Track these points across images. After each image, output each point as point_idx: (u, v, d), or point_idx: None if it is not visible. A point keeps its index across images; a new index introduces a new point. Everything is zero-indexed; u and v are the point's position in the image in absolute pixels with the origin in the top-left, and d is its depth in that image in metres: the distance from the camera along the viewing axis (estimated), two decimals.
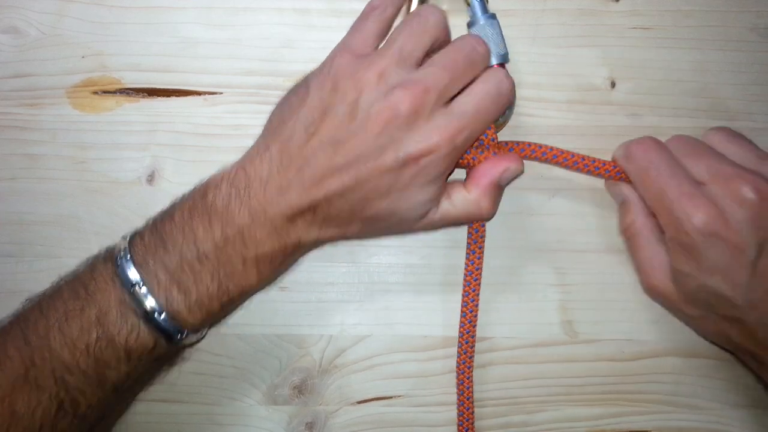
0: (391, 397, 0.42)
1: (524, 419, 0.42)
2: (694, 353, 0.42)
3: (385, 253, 0.42)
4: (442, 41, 0.36)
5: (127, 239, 0.35)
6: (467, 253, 0.40)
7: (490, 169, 0.37)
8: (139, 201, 0.42)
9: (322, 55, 0.41)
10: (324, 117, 0.34)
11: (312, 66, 0.41)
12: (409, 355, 0.42)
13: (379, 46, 0.36)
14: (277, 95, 0.41)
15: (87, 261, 0.36)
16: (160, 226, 0.35)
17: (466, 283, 0.40)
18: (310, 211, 0.35)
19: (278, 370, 0.42)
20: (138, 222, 0.41)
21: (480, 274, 0.40)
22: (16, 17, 0.42)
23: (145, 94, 0.42)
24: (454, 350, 0.42)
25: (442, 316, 0.42)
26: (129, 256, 0.34)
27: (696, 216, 0.33)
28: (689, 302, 0.37)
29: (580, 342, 0.42)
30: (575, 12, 0.42)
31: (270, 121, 0.37)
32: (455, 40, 0.36)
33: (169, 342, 0.35)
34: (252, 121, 0.42)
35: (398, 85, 0.34)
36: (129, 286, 0.34)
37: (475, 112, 0.35)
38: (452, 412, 0.42)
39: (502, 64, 0.38)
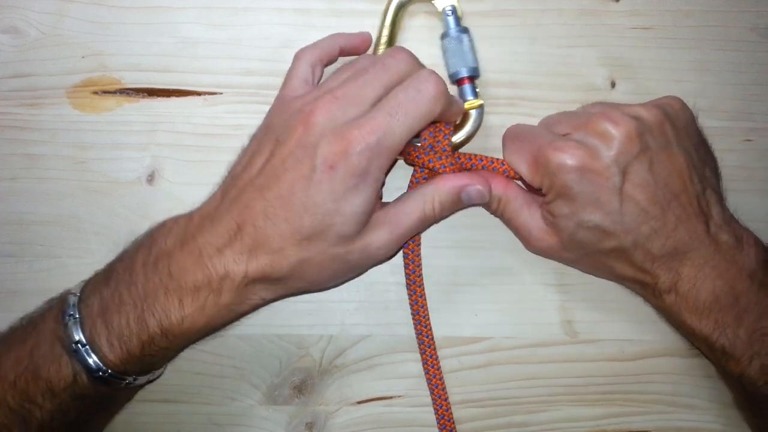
0: (391, 397, 0.42)
1: (524, 419, 0.42)
2: (694, 353, 0.42)
3: None
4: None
5: (84, 281, 0.36)
6: (405, 264, 0.40)
7: (457, 177, 0.37)
8: (139, 201, 0.42)
9: None
10: (255, 152, 0.36)
11: None
12: (409, 355, 0.42)
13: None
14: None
15: (50, 299, 0.37)
16: (111, 264, 0.36)
17: (412, 292, 0.40)
18: (237, 235, 0.34)
19: (278, 370, 0.42)
20: (138, 222, 0.41)
21: (421, 281, 0.40)
22: (16, 17, 0.42)
23: (145, 94, 0.42)
24: (455, 350, 0.42)
25: (441, 316, 0.42)
26: (78, 293, 0.35)
27: (564, 157, 0.35)
28: (572, 246, 0.38)
29: (580, 342, 0.42)
30: (575, 12, 0.42)
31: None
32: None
33: (91, 378, 0.34)
34: (252, 121, 0.42)
35: (311, 101, 0.35)
36: (65, 318, 0.34)
37: (390, 112, 0.33)
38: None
39: (471, 78, 0.39)
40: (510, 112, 0.42)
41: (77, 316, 0.34)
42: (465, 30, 0.40)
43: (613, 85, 0.42)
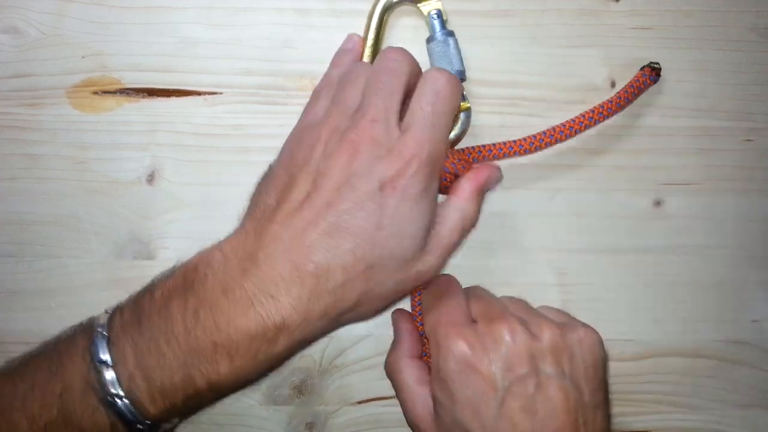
0: (391, 397, 0.41)
1: None
2: (694, 353, 0.42)
3: None
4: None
5: (109, 313, 0.33)
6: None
7: (472, 176, 0.37)
8: (139, 201, 0.42)
9: (322, 55, 0.42)
10: (289, 184, 0.34)
11: (311, 66, 0.42)
12: None
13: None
14: (277, 95, 0.42)
15: (71, 328, 0.34)
16: (139, 302, 0.33)
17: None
18: (295, 277, 0.32)
19: (278, 370, 0.42)
20: (138, 222, 0.41)
21: None
22: (16, 17, 0.42)
23: (145, 94, 0.42)
24: None
25: None
26: (105, 332, 0.32)
27: (457, 345, 0.33)
28: None
29: None
30: (575, 12, 0.42)
31: (245, 209, 0.36)
32: (375, 62, 0.37)
33: (128, 429, 0.32)
34: (252, 121, 0.42)
35: (347, 129, 0.34)
36: (97, 363, 0.32)
37: (423, 126, 0.34)
38: None
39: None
40: (510, 112, 0.42)
41: (110, 363, 0.31)
42: (450, 33, 0.39)
43: (613, 85, 0.42)
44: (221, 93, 0.42)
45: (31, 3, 0.42)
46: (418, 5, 0.39)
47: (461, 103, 0.39)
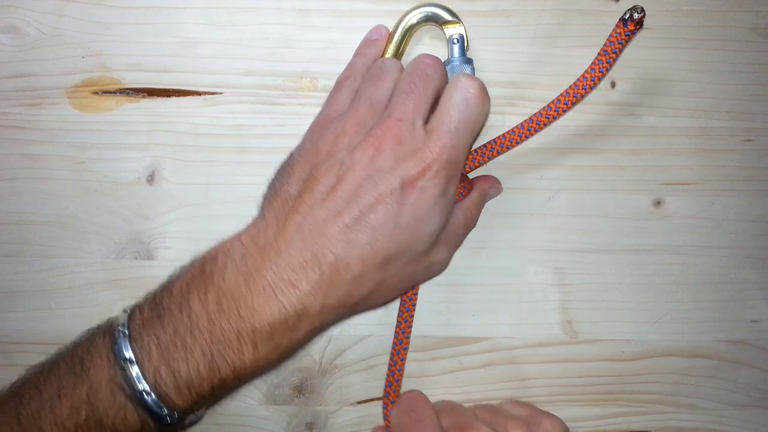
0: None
1: None
2: (694, 353, 0.42)
3: None
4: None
5: (128, 312, 0.34)
6: (400, 311, 0.40)
7: (478, 184, 0.40)
8: (139, 201, 0.42)
9: (322, 55, 0.42)
10: (312, 176, 0.34)
11: (311, 66, 0.42)
12: (409, 355, 0.42)
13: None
14: (277, 95, 0.42)
15: (88, 331, 0.35)
16: (159, 299, 0.34)
17: (402, 320, 0.40)
18: (315, 266, 0.33)
19: (278, 370, 0.42)
20: (138, 222, 0.41)
21: (414, 311, 0.40)
22: (16, 17, 0.42)
23: (145, 94, 0.42)
24: (454, 350, 0.42)
25: (442, 316, 0.42)
26: (127, 330, 0.33)
27: None
28: None
29: (580, 342, 0.42)
30: (575, 12, 0.42)
31: (264, 197, 0.36)
32: (407, 65, 0.37)
33: (158, 423, 0.33)
34: (252, 121, 0.42)
35: (374, 126, 0.34)
36: (121, 362, 0.32)
37: (449, 130, 0.34)
38: None
39: None
40: (510, 112, 0.42)
41: (134, 360, 0.32)
42: (469, 61, 0.39)
43: (613, 85, 0.42)
44: (221, 93, 0.42)
45: (31, 3, 0.42)
46: (442, 27, 0.39)
47: None
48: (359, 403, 0.42)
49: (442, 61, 0.39)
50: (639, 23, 0.34)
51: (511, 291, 0.42)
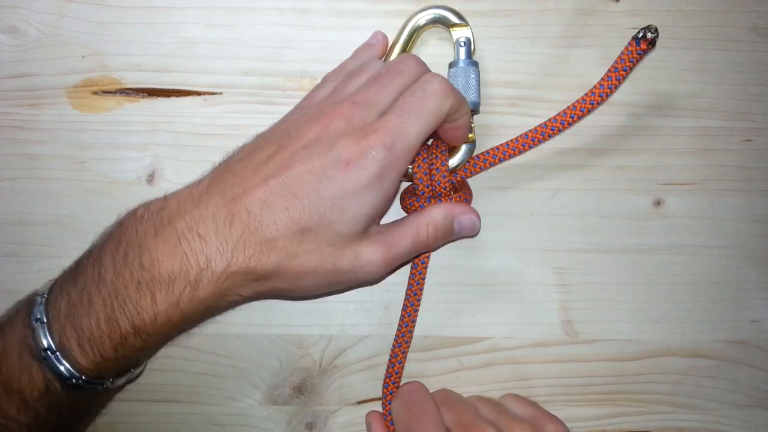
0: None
1: None
2: (694, 353, 0.42)
3: None
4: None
5: (52, 281, 0.34)
6: (409, 284, 0.40)
7: (458, 213, 0.38)
8: (139, 201, 0.41)
9: (322, 55, 0.42)
10: (259, 146, 0.35)
11: (311, 66, 0.42)
12: (409, 355, 0.42)
13: None
14: (277, 95, 0.42)
15: (17, 302, 0.35)
16: (79, 261, 0.34)
17: (406, 314, 0.40)
18: (226, 220, 0.32)
19: (278, 370, 0.42)
20: None
21: (418, 305, 0.40)
22: (16, 17, 0.42)
23: (145, 94, 0.42)
24: (454, 350, 0.42)
25: (442, 316, 0.42)
26: (46, 295, 0.33)
27: None
28: None
29: (580, 342, 0.42)
30: (575, 12, 0.42)
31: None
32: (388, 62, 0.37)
33: (65, 386, 0.32)
34: (252, 121, 0.42)
35: (330, 105, 0.35)
36: (33, 323, 0.32)
37: (401, 114, 0.34)
38: None
39: (471, 112, 0.39)
40: (510, 112, 0.42)
41: (44, 320, 0.32)
42: (474, 63, 0.39)
43: None
44: (221, 93, 0.42)
45: (31, 3, 0.42)
46: (450, 29, 0.39)
47: (468, 134, 0.38)
48: (359, 403, 0.42)
49: (449, 62, 0.39)
50: (651, 43, 0.34)
51: (511, 291, 0.42)
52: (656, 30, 0.34)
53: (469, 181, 0.41)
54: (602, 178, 0.42)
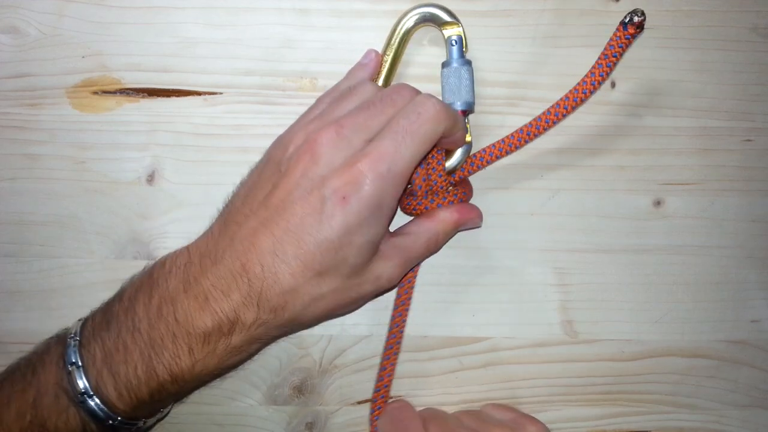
0: (391, 397, 0.41)
1: None
2: (695, 353, 0.42)
3: None
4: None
5: (81, 321, 0.35)
6: (398, 293, 0.40)
7: (458, 211, 0.38)
8: (139, 201, 0.42)
9: (322, 55, 0.42)
10: (255, 184, 0.35)
11: (311, 66, 0.42)
12: (409, 355, 0.42)
13: None
14: (277, 95, 0.42)
15: (46, 340, 0.35)
16: (110, 305, 0.35)
17: (394, 325, 0.40)
18: (243, 277, 0.32)
19: (278, 370, 0.42)
20: (138, 222, 0.41)
21: (406, 316, 0.40)
22: (16, 17, 0.42)
23: (145, 94, 0.42)
24: (454, 350, 0.42)
25: (442, 316, 0.42)
26: (78, 338, 0.33)
27: None
28: None
29: (580, 342, 0.42)
30: (575, 12, 0.42)
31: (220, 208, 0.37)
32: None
33: (100, 427, 0.33)
34: (252, 121, 0.42)
35: (315, 129, 0.34)
36: (68, 366, 0.33)
37: (395, 138, 0.33)
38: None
39: (465, 112, 0.39)
40: (510, 112, 0.42)
41: (80, 363, 0.32)
42: (467, 62, 0.39)
43: (613, 85, 0.42)
44: (221, 93, 0.42)
45: (31, 3, 0.42)
46: (441, 29, 0.39)
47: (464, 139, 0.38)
48: (359, 403, 0.42)
49: (442, 62, 0.39)
50: (639, 26, 0.34)
51: (511, 291, 0.42)
52: (643, 13, 0.34)
53: (471, 180, 0.41)
54: (602, 178, 0.42)
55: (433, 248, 0.38)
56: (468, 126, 0.39)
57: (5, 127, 0.42)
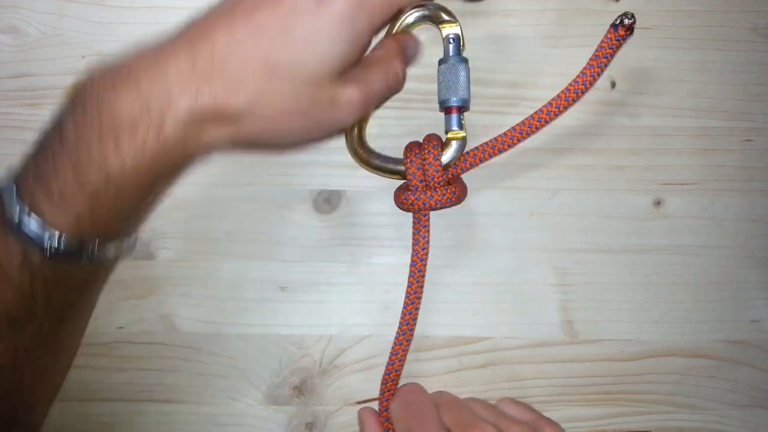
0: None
1: None
2: (695, 353, 0.42)
3: (385, 253, 0.42)
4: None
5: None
6: (415, 239, 0.40)
7: (396, 41, 0.37)
8: None
9: None
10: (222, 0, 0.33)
11: None
12: (409, 355, 0.42)
13: None
14: None
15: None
16: (41, 131, 0.32)
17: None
18: (188, 60, 0.30)
19: (278, 370, 0.42)
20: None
21: (426, 263, 0.40)
22: (16, 17, 0.41)
23: None
24: (454, 350, 0.42)
25: (442, 316, 0.42)
26: (19, 171, 0.32)
27: None
28: None
29: (580, 342, 0.42)
30: (575, 12, 0.42)
31: None
32: None
33: (43, 252, 0.31)
34: None
35: None
36: (3, 194, 0.31)
37: None
38: None
39: (460, 108, 0.39)
40: (510, 112, 0.42)
41: (13, 189, 0.31)
42: (464, 60, 0.39)
43: (613, 85, 0.42)
44: None
45: (31, 3, 0.42)
46: (439, 27, 0.39)
47: (457, 131, 0.38)
48: (359, 403, 0.42)
49: (438, 59, 0.39)
50: (629, 29, 0.35)
51: (511, 291, 0.42)
52: (633, 16, 0.35)
53: (471, 180, 0.41)
54: (602, 178, 0.42)
55: (393, 79, 0.36)
56: (463, 123, 0.39)
57: (5, 127, 0.42)
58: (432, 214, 0.40)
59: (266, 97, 0.31)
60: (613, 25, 0.36)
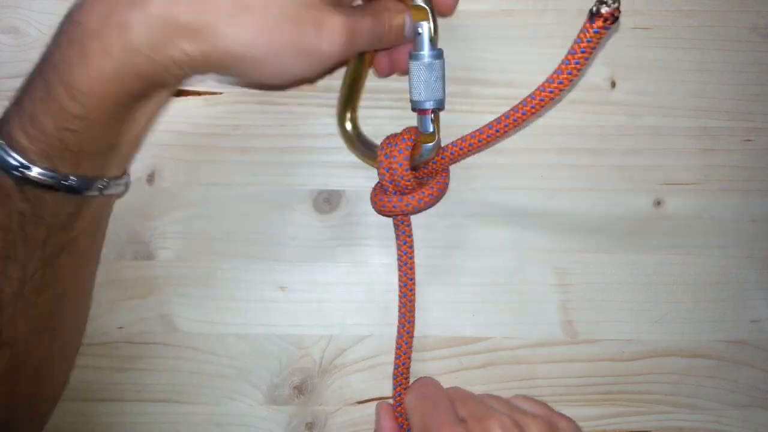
0: (390, 397, 0.41)
1: None
2: (695, 353, 0.42)
3: (385, 253, 0.42)
4: None
5: None
6: (398, 245, 0.40)
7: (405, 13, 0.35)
8: (139, 201, 0.42)
9: None
10: None
11: None
12: None
13: None
14: (277, 95, 0.42)
15: None
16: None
17: (401, 276, 0.40)
18: None
19: (278, 370, 0.42)
20: (138, 222, 0.41)
21: (413, 268, 0.40)
22: (16, 17, 0.41)
23: None
24: (454, 350, 0.42)
25: (442, 316, 0.42)
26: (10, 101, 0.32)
27: None
28: None
29: (580, 342, 0.42)
30: (575, 12, 0.42)
31: None
32: None
33: (16, 179, 0.30)
34: (252, 121, 0.42)
35: None
36: None
37: None
38: None
39: (435, 111, 0.36)
40: None
41: None
42: (438, 55, 0.35)
43: (613, 85, 0.42)
44: (221, 93, 0.42)
45: (31, 3, 0.42)
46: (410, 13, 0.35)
47: (430, 133, 0.36)
48: (359, 403, 0.42)
49: (409, 52, 0.36)
50: (608, 18, 0.27)
51: (511, 291, 0.42)
52: (615, 1, 0.27)
53: (471, 180, 0.41)
54: (602, 178, 0.42)
55: (381, 31, 0.34)
56: (437, 124, 0.37)
57: None
58: (431, 213, 0.40)
59: (243, 9, 0.29)
60: (589, 15, 0.28)
